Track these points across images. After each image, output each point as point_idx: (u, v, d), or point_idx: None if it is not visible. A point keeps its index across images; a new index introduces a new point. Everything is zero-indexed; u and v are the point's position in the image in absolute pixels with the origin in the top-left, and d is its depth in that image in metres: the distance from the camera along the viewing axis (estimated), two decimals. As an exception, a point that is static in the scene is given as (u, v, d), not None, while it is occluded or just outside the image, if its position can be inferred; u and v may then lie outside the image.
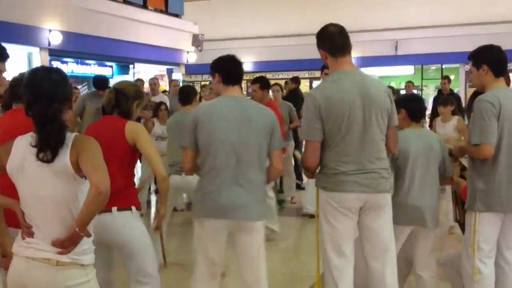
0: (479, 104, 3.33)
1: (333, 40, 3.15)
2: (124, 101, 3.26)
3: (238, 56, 3.37)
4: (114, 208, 3.05)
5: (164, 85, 16.62)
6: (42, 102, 2.24)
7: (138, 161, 3.84)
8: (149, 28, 14.47)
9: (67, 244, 2.23)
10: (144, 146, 3.13)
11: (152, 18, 14.76)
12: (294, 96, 8.68)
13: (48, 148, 2.21)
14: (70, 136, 2.28)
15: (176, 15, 16.11)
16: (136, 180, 5.22)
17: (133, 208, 3.15)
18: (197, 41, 16.69)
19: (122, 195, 3.08)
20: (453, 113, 6.69)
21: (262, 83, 6.14)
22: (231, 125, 3.12)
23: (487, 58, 3.42)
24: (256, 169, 3.16)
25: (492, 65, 3.41)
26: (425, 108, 3.85)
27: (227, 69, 3.31)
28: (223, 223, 3.16)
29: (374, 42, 18.05)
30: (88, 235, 2.29)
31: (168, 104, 7.88)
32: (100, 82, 7.33)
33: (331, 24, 3.20)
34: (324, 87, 3.19)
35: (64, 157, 2.22)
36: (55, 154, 2.22)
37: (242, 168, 3.12)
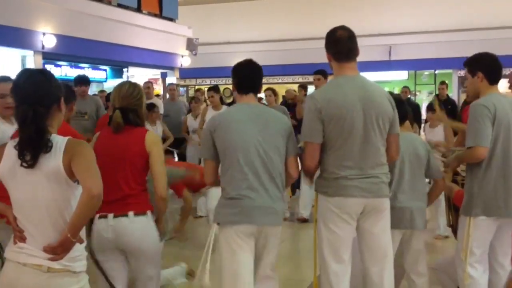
0: (474, 108, 3.35)
1: (339, 45, 3.14)
2: (133, 116, 3.17)
3: (233, 60, 3.29)
4: (131, 213, 3.06)
5: (158, 89, 16.60)
6: (24, 105, 2.22)
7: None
8: (143, 31, 14.45)
9: (58, 250, 2.20)
10: (153, 159, 3.09)
11: (146, 22, 14.73)
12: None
13: (27, 152, 2.18)
14: (63, 140, 2.25)
15: (171, 19, 16.10)
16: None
17: (148, 212, 3.13)
18: (191, 45, 16.66)
19: (138, 200, 3.11)
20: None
21: None
22: (252, 130, 3.07)
23: (482, 66, 3.46)
24: (279, 173, 3.12)
25: (487, 72, 3.43)
26: (408, 112, 3.80)
27: (240, 77, 3.25)
28: (251, 229, 3.07)
29: (368, 47, 18.06)
30: (81, 241, 2.26)
31: (162, 108, 7.90)
32: (81, 78, 7.38)
33: (341, 28, 3.18)
34: (326, 90, 3.19)
35: (57, 161, 2.20)
36: (35, 158, 2.18)
37: (267, 172, 3.07)
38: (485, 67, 3.45)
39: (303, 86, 9.18)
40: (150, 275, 3.17)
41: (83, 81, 7.30)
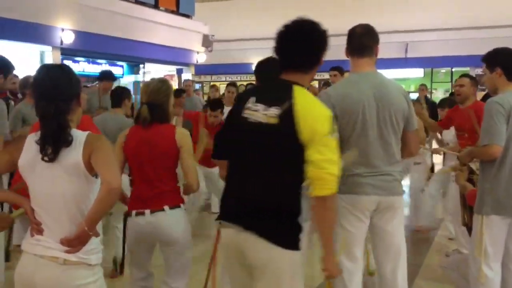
0: (489, 106, 3.33)
1: (353, 41, 3.16)
2: (160, 112, 3.23)
3: (247, 56, 3.25)
4: (166, 207, 3.18)
5: (173, 85, 16.64)
6: (44, 100, 2.25)
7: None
8: (160, 28, 14.51)
9: (75, 243, 2.22)
10: (185, 154, 3.20)
11: (163, 18, 14.80)
12: None
13: (49, 146, 2.21)
14: (83, 135, 2.27)
15: (187, 16, 16.15)
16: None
17: (182, 205, 3.26)
18: (207, 41, 16.70)
19: (171, 194, 3.23)
20: None
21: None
22: None
23: (501, 61, 3.41)
24: None
25: (506, 68, 3.39)
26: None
27: (261, 73, 3.25)
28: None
29: (384, 45, 17.90)
30: (97, 235, 2.27)
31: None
32: (106, 74, 7.53)
33: (360, 24, 3.20)
34: (340, 86, 3.20)
35: (77, 156, 2.22)
36: (56, 152, 2.21)
37: None
38: (504, 62, 3.41)
39: (326, 83, 9.21)
40: (183, 262, 3.32)
41: (107, 76, 7.44)
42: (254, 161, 2.36)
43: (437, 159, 7.77)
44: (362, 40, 3.15)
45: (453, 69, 19.60)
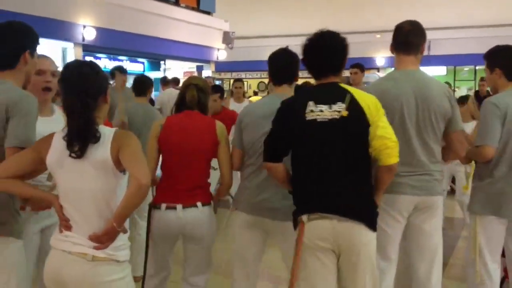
0: (485, 106, 3.29)
1: (399, 36, 3.14)
2: (204, 97, 3.30)
3: (268, 54, 3.18)
4: (199, 203, 3.15)
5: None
6: (72, 96, 2.25)
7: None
8: (181, 25, 14.55)
9: (104, 239, 2.23)
10: (223, 149, 3.21)
11: (184, 15, 14.84)
12: None
13: (76, 142, 2.22)
14: (111, 131, 2.28)
15: (208, 13, 16.17)
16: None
17: (212, 202, 3.25)
18: (227, 38, 16.71)
19: (204, 190, 3.22)
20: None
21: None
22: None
23: (500, 62, 3.36)
24: None
25: (505, 69, 3.34)
26: None
27: (271, 67, 3.18)
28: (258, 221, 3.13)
29: (406, 42, 17.79)
30: (125, 231, 2.28)
31: None
32: (120, 68, 7.72)
33: (407, 21, 3.18)
34: (381, 83, 3.18)
35: (105, 152, 2.23)
36: (84, 148, 2.22)
37: None
38: (503, 63, 3.36)
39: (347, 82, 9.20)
40: (206, 258, 3.29)
41: (120, 70, 7.63)
42: (333, 155, 2.61)
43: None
44: (409, 37, 3.12)
45: (477, 67, 19.34)
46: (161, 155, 3.23)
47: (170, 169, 3.19)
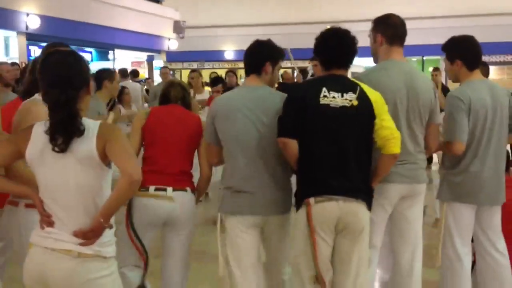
0: (449, 101, 3.34)
1: (396, 29, 3.19)
2: (188, 96, 3.49)
3: (219, 43, 3.17)
4: (188, 189, 3.19)
5: (143, 72, 16.44)
6: (56, 88, 2.15)
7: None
8: (129, 13, 14.30)
9: (90, 235, 2.15)
10: (203, 143, 3.24)
11: (132, 3, 14.57)
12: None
13: (59, 136, 2.13)
14: (95, 124, 2.20)
15: (157, 1, 15.93)
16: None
17: (195, 192, 3.28)
18: (178, 28, 16.53)
19: (190, 177, 3.27)
20: None
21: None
22: (248, 119, 2.91)
23: (460, 53, 3.40)
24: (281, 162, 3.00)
25: (465, 59, 3.38)
26: None
27: (245, 57, 3.12)
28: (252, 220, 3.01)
29: (365, 33, 18.05)
30: (111, 227, 2.21)
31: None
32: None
33: (394, 14, 3.25)
34: (372, 73, 3.21)
35: (90, 146, 2.15)
36: (67, 142, 2.13)
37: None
38: (462, 53, 3.39)
39: (303, 71, 9.23)
40: (187, 247, 3.28)
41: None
42: (343, 140, 2.79)
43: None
44: (404, 30, 3.20)
45: (425, 58, 19.81)
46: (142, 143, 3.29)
47: (158, 152, 3.20)
